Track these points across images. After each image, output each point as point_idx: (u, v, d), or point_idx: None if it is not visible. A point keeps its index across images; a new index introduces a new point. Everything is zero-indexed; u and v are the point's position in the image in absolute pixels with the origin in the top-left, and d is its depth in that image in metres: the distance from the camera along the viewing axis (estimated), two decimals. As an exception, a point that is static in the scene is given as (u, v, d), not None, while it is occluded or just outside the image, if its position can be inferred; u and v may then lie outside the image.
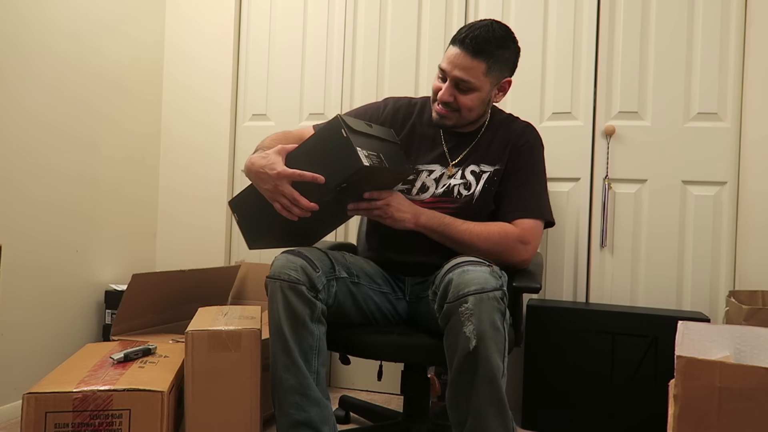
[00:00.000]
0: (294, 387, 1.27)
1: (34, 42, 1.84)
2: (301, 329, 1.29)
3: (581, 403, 1.81)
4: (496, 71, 1.42)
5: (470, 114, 1.46)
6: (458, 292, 1.20)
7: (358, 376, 2.18)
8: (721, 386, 1.10)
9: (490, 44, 1.37)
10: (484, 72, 1.39)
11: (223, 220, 2.39)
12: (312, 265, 1.32)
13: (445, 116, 1.47)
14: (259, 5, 2.39)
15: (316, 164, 1.32)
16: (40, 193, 1.88)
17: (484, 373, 1.17)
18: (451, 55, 1.39)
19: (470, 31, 1.36)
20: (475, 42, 1.35)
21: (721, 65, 1.92)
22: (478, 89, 1.41)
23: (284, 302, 1.29)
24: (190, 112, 2.42)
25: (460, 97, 1.42)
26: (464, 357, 1.18)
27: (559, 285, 2.03)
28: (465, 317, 1.18)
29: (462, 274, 1.22)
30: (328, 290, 1.35)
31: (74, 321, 2.03)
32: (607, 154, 1.99)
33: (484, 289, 1.19)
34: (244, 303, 2.23)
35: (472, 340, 1.17)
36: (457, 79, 1.39)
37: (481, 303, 1.18)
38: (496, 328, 1.18)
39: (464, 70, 1.38)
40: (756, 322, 1.51)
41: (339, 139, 1.31)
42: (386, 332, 1.44)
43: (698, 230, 1.93)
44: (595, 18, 2.02)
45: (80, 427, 1.28)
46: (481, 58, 1.37)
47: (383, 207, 1.41)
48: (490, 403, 1.17)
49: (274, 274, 1.31)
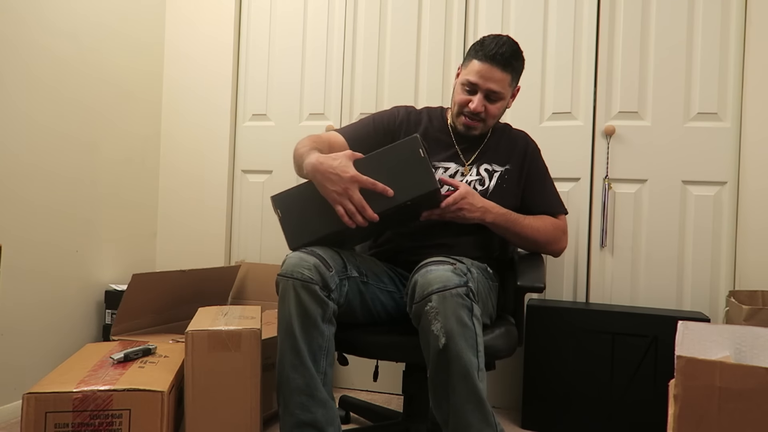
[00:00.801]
0: (301, 387, 1.27)
1: (33, 43, 1.84)
2: (311, 329, 1.28)
3: (581, 403, 1.81)
4: (515, 81, 1.57)
5: (493, 121, 1.60)
6: (422, 291, 1.23)
7: (358, 376, 2.18)
8: (721, 386, 1.10)
9: (513, 58, 1.51)
10: (509, 83, 1.54)
11: (223, 221, 2.39)
12: (325, 264, 1.31)
13: (473, 127, 1.57)
14: (259, 6, 2.39)
15: (384, 177, 1.32)
16: (40, 193, 1.88)
17: (457, 369, 1.18)
18: (482, 70, 1.50)
19: (497, 47, 1.49)
20: (503, 57, 1.49)
21: (721, 65, 1.92)
22: (504, 98, 1.55)
23: (296, 301, 1.28)
24: (190, 112, 2.43)
25: (489, 106, 1.54)
26: (436, 355, 1.20)
27: (559, 285, 2.03)
28: (431, 316, 1.20)
29: (425, 275, 1.25)
30: (340, 290, 1.35)
31: (74, 321, 2.03)
32: (607, 154, 1.99)
33: (447, 286, 1.21)
34: (244, 303, 2.23)
35: (441, 338, 1.19)
36: (490, 90, 1.52)
37: (444, 300, 1.20)
38: (463, 324, 1.20)
39: (497, 83, 1.51)
40: (756, 322, 1.51)
41: (416, 158, 1.32)
42: (388, 332, 1.44)
43: (698, 230, 1.93)
44: (595, 18, 2.02)
45: (80, 427, 1.28)
46: (508, 71, 1.51)
47: (456, 210, 1.43)
48: (467, 400, 1.19)
49: (287, 272, 1.31)
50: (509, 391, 2.05)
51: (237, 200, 2.41)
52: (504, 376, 2.03)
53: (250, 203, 2.39)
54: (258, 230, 2.38)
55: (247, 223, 2.39)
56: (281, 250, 2.33)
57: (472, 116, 1.54)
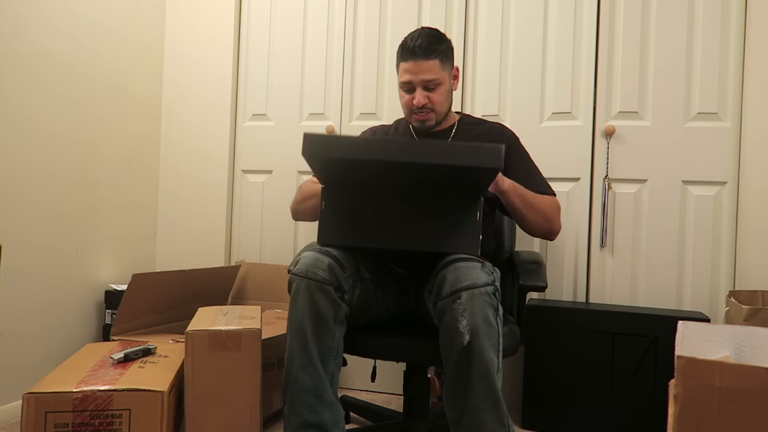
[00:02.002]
0: (309, 388, 1.26)
1: (33, 43, 1.84)
2: (323, 330, 1.28)
3: (581, 403, 1.81)
4: (448, 63, 1.59)
5: (442, 107, 1.60)
6: (451, 288, 1.21)
7: (358, 376, 2.18)
8: (721, 386, 1.10)
9: (433, 43, 1.54)
10: (440, 67, 1.55)
11: (223, 221, 2.39)
12: (340, 266, 1.30)
13: (425, 119, 1.59)
14: (259, 6, 2.39)
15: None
16: (40, 193, 1.88)
17: (478, 367, 1.18)
18: (409, 67, 1.54)
19: (413, 41, 1.54)
20: (422, 47, 1.53)
21: (721, 65, 1.92)
22: (443, 83, 1.57)
23: (310, 302, 1.27)
24: (189, 112, 2.43)
25: (431, 95, 1.56)
26: (458, 352, 1.19)
27: (559, 285, 2.03)
28: (458, 313, 1.19)
29: (454, 270, 1.23)
30: (353, 291, 1.34)
31: (74, 321, 2.03)
32: (607, 154, 1.99)
33: (476, 284, 1.21)
34: (244, 303, 2.23)
35: (466, 336, 1.18)
36: (425, 81, 1.54)
37: (473, 298, 1.19)
38: (488, 323, 1.20)
39: (427, 72, 1.54)
40: (756, 322, 1.51)
41: (489, 172, 1.24)
42: (390, 332, 1.44)
43: (698, 230, 1.93)
44: (595, 18, 2.02)
45: (80, 427, 1.29)
46: (432, 57, 1.54)
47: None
48: (484, 399, 1.18)
49: (301, 271, 1.29)
50: (509, 391, 2.04)
51: (237, 200, 2.41)
52: (504, 375, 2.01)
53: (250, 203, 2.39)
54: (258, 230, 2.38)
55: (247, 223, 2.39)
56: (281, 250, 2.35)
57: (419, 110, 1.57)
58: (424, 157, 1.17)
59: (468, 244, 1.30)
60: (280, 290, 2.16)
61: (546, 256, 2.03)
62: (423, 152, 1.18)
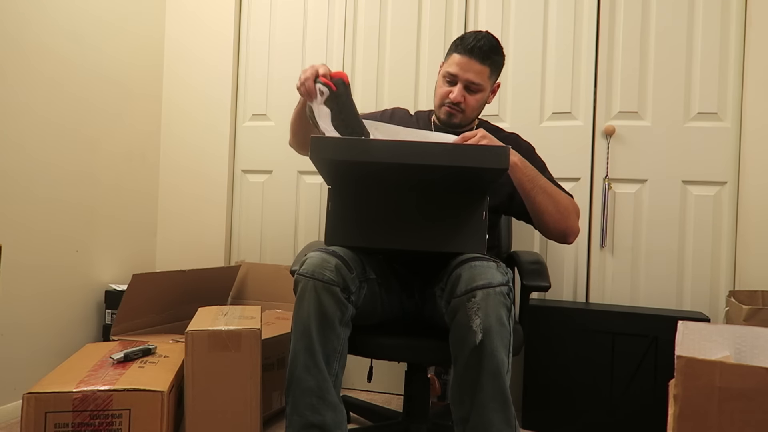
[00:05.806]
0: (312, 389, 1.25)
1: (35, 40, 1.84)
2: (329, 331, 1.27)
3: (581, 403, 1.81)
4: (495, 75, 1.60)
5: (473, 113, 1.61)
6: (466, 286, 1.21)
7: (358, 376, 2.18)
8: (721, 386, 1.10)
9: (492, 51, 1.55)
10: (488, 76, 1.57)
11: (223, 221, 2.39)
12: (347, 266, 1.30)
13: (453, 114, 1.59)
14: (260, 4, 2.39)
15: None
16: (40, 192, 1.88)
17: (489, 367, 1.17)
18: (461, 62, 1.54)
19: (476, 41, 1.53)
20: (482, 50, 1.53)
21: (721, 65, 1.92)
22: (483, 90, 1.58)
23: (316, 302, 1.26)
24: (190, 110, 2.42)
25: (468, 97, 1.57)
26: (470, 351, 1.19)
27: (559, 285, 2.03)
28: (472, 312, 1.19)
29: (470, 269, 1.23)
30: (359, 292, 1.33)
31: (74, 321, 2.03)
32: (607, 154, 1.99)
33: (491, 283, 1.20)
34: (244, 303, 2.23)
35: (479, 335, 1.18)
36: (469, 81, 1.55)
37: (488, 297, 1.19)
38: (501, 323, 1.19)
39: (476, 74, 1.54)
40: (756, 322, 1.51)
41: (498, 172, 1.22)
42: (391, 333, 1.43)
43: (698, 230, 1.93)
44: (595, 18, 2.02)
45: (80, 427, 1.29)
46: (486, 63, 1.54)
47: (480, 139, 1.39)
48: (493, 399, 1.18)
49: (307, 272, 1.28)
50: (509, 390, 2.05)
51: (237, 200, 2.41)
52: (504, 375, 2.03)
53: (250, 203, 2.39)
54: (258, 230, 2.38)
55: (247, 223, 2.39)
56: (281, 250, 2.36)
57: (452, 106, 1.57)
58: (431, 158, 1.18)
59: (474, 243, 1.30)
60: (280, 290, 2.16)
61: (546, 256, 2.03)
62: (430, 154, 1.18)
